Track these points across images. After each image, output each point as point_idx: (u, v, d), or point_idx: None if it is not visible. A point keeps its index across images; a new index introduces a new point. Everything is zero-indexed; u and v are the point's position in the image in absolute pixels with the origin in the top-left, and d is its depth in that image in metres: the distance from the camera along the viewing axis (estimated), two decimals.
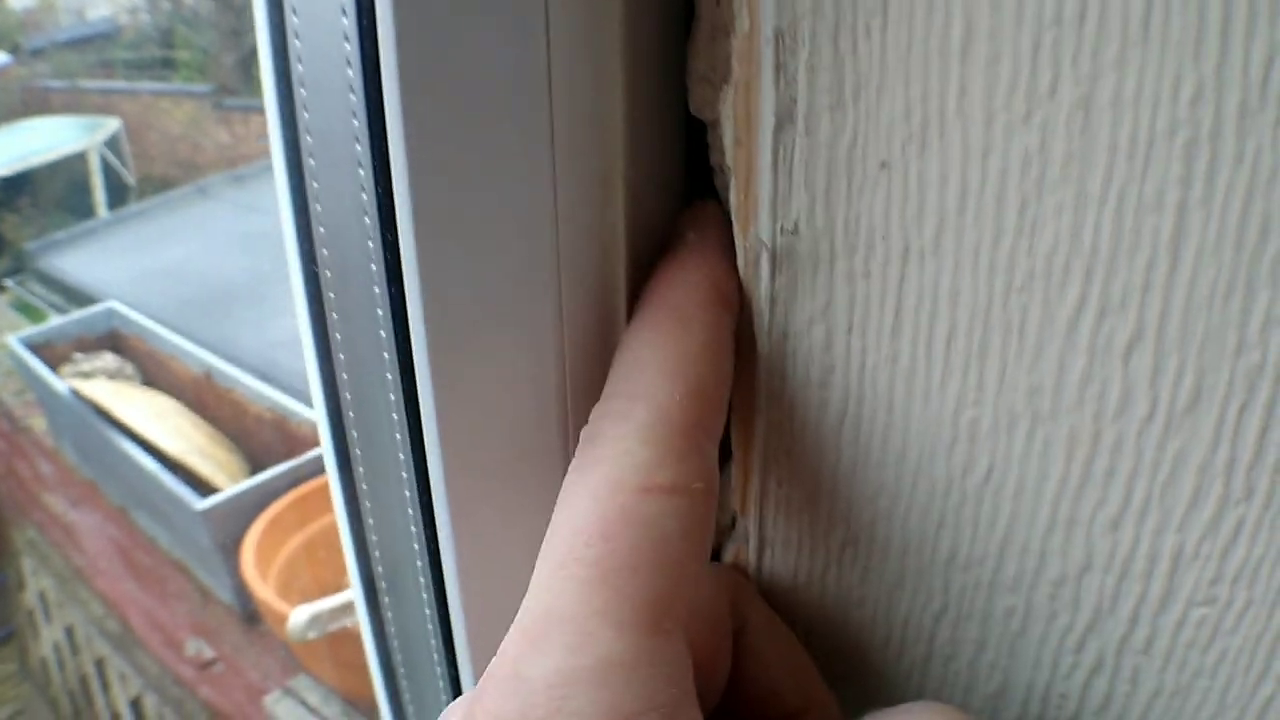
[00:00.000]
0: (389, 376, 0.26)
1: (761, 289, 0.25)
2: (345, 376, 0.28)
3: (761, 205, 0.24)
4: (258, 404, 2.03)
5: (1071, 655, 0.25)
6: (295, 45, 0.25)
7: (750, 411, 0.27)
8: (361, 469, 0.30)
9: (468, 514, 0.27)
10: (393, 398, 0.27)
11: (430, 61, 0.22)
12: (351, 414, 0.29)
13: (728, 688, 0.26)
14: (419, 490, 0.27)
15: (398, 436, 0.27)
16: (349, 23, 0.23)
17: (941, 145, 0.22)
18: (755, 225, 0.25)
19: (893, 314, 0.24)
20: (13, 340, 2.40)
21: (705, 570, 0.24)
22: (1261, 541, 0.22)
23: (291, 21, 0.25)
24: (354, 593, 0.34)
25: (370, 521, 0.31)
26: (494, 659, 0.22)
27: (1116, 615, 0.24)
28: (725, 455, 0.28)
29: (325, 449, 0.30)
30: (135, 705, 2.53)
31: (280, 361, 2.59)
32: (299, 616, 1.26)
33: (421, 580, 0.29)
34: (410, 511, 0.28)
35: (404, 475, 0.28)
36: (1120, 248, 0.21)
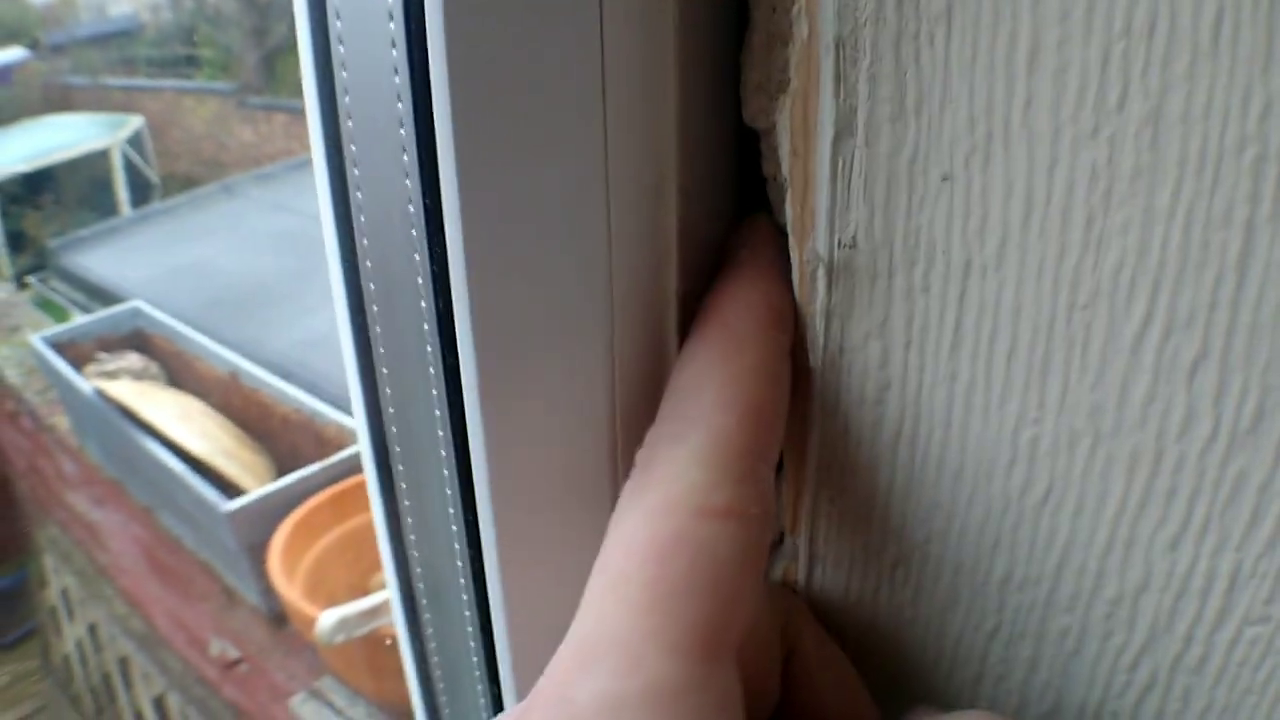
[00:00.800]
0: (434, 392, 0.26)
1: (817, 303, 0.25)
2: (389, 391, 0.28)
3: (819, 218, 0.24)
4: (285, 405, 2.03)
5: (1125, 674, 0.25)
6: (339, 51, 0.25)
7: (803, 427, 0.27)
8: (404, 485, 0.29)
9: (513, 532, 0.26)
10: (438, 413, 0.26)
11: (483, 70, 0.21)
12: (394, 429, 0.29)
13: (778, 710, 0.26)
14: (464, 509, 0.27)
15: (442, 453, 0.27)
16: (396, 28, 0.22)
17: (1006, 158, 0.21)
18: (812, 238, 0.24)
19: (952, 330, 0.23)
20: (36, 339, 2.41)
21: (758, 594, 0.24)
22: None
23: (335, 27, 0.24)
24: (394, 612, 0.33)
25: (412, 538, 0.30)
26: (542, 678, 0.22)
27: (1172, 634, 0.24)
28: (776, 471, 0.28)
29: (366, 467, 0.30)
30: (159, 704, 2.54)
31: (308, 361, 2.59)
32: (327, 619, 1.26)
33: (465, 598, 0.29)
34: (454, 529, 0.28)
35: (448, 493, 0.27)
36: (1188, 264, 0.20)
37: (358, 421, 0.30)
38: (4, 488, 3.20)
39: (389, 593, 0.33)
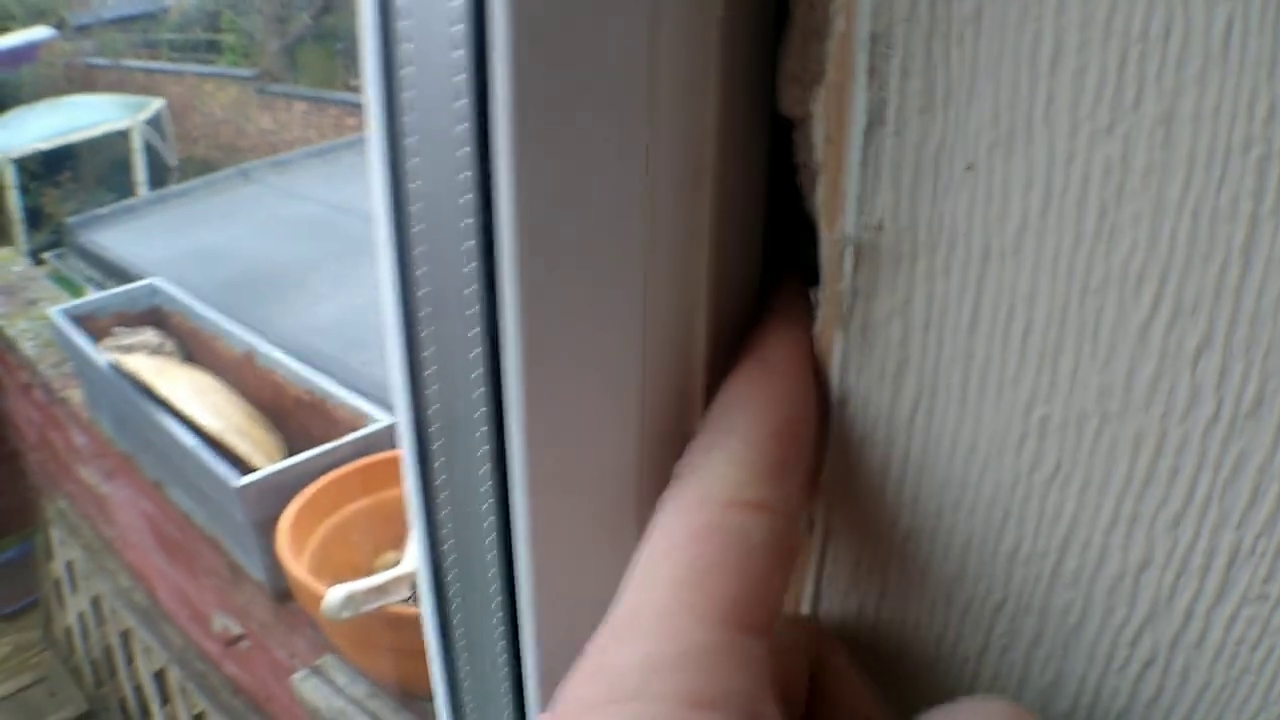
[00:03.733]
0: (475, 374, 0.28)
1: (844, 282, 0.26)
2: (433, 385, 0.29)
3: (848, 201, 0.26)
4: (298, 386, 2.05)
5: (1126, 650, 0.26)
6: (406, 49, 0.26)
7: (825, 402, 0.28)
8: (441, 467, 0.31)
9: (546, 522, 0.28)
10: (479, 392, 0.28)
11: (540, 51, 0.23)
12: (435, 412, 0.30)
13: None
14: (498, 493, 0.29)
15: (479, 433, 0.28)
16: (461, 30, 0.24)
17: (1027, 151, 0.23)
18: (841, 220, 0.26)
19: (970, 312, 0.25)
20: (54, 312, 2.43)
21: (786, 585, 0.26)
22: None
23: (402, 26, 0.26)
24: (421, 590, 0.34)
25: (445, 513, 0.32)
26: (582, 655, 0.23)
27: (1172, 610, 0.25)
28: None
29: (405, 445, 0.31)
30: (159, 678, 2.56)
31: (318, 348, 2.61)
32: (335, 595, 1.27)
33: (493, 582, 0.31)
34: (488, 519, 0.30)
35: (484, 476, 0.29)
36: (1194, 255, 0.22)
37: (398, 398, 0.31)
38: (13, 460, 3.22)
39: (419, 575, 0.34)
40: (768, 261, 0.30)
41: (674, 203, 0.26)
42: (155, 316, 2.47)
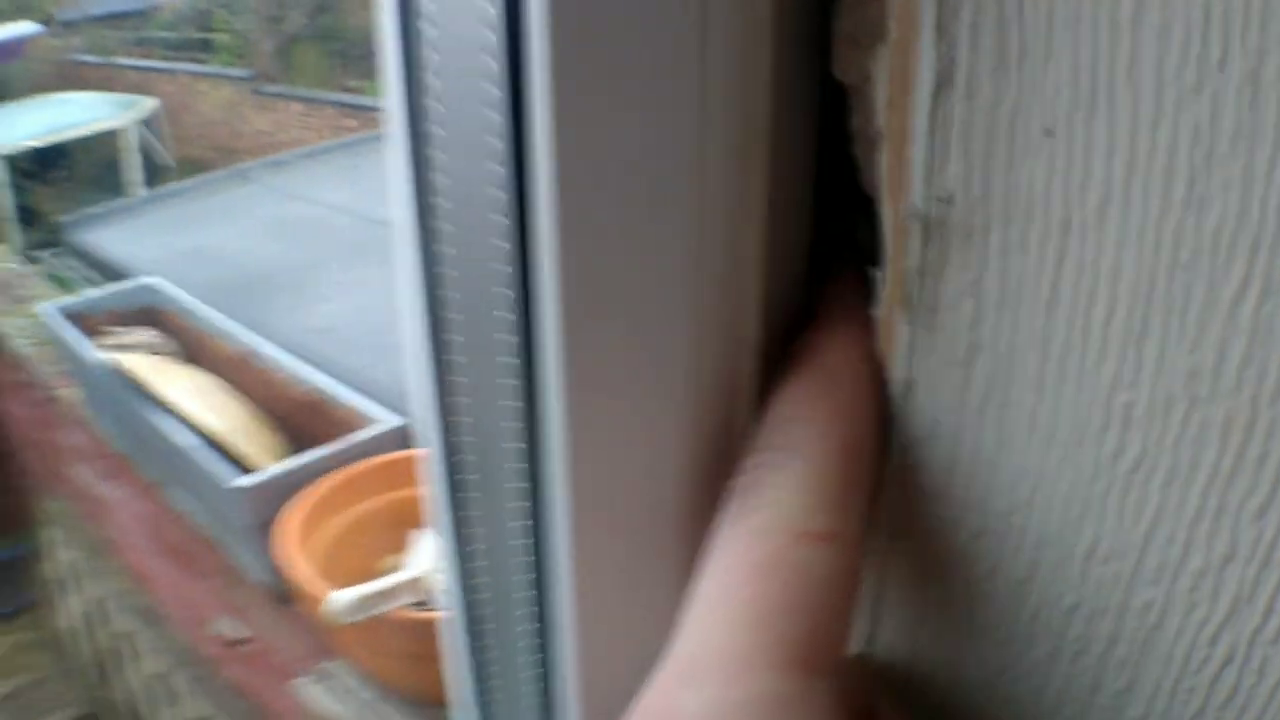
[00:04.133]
0: (510, 383, 0.26)
1: (909, 261, 0.24)
2: (463, 399, 0.28)
3: (914, 172, 0.24)
4: (298, 386, 2.02)
5: (1205, 649, 0.24)
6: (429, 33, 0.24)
7: (886, 393, 0.26)
8: (474, 504, 0.29)
9: (587, 549, 0.26)
10: (512, 405, 0.26)
11: (585, 13, 0.21)
12: (467, 419, 0.28)
13: None
14: (533, 520, 0.27)
15: (513, 461, 0.27)
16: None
17: (1110, 113, 0.21)
18: (907, 193, 0.24)
19: (1048, 290, 0.23)
20: (48, 308, 2.40)
21: (852, 615, 0.25)
22: None
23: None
24: (452, 618, 0.32)
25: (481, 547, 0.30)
26: (643, 695, 0.22)
27: (1254, 605, 0.23)
28: None
29: (435, 468, 0.30)
30: (161, 680, 2.54)
31: (317, 349, 2.59)
32: (340, 599, 1.25)
33: (529, 608, 0.29)
34: (523, 559, 0.28)
35: (519, 504, 0.27)
36: None
37: (426, 422, 0.29)
38: (10, 459, 3.21)
39: (451, 606, 0.32)
40: (815, 243, 0.28)
41: (725, 176, 0.24)
42: (150, 315, 2.44)
